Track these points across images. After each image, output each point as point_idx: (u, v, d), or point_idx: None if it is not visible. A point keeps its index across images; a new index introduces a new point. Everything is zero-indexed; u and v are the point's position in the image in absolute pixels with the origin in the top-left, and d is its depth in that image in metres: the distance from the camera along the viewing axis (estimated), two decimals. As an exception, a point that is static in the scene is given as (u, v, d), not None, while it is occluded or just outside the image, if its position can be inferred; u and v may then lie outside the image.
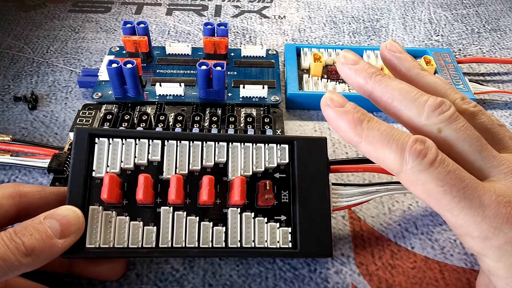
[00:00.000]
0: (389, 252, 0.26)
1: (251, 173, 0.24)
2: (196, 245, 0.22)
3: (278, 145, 0.24)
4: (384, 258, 0.26)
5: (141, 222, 0.22)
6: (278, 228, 0.23)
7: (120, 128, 0.31)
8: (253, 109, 0.34)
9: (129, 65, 0.32)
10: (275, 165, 0.24)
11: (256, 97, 0.35)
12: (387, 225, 0.28)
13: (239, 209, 0.23)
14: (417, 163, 0.19)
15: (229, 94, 0.35)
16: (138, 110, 0.34)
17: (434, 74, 0.32)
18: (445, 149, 0.20)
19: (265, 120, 0.32)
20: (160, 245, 0.22)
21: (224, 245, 0.22)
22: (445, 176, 0.19)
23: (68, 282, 0.24)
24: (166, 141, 0.24)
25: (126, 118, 0.31)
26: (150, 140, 0.23)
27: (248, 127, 0.32)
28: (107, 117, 0.31)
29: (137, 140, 0.23)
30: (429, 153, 0.19)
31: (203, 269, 0.25)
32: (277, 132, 0.32)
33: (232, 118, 0.32)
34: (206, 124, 0.32)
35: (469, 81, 0.37)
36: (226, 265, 0.25)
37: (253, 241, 0.23)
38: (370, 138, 0.20)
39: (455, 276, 0.25)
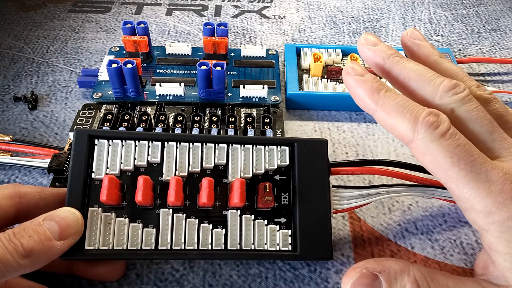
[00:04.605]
0: (389, 252, 0.26)
1: (251, 175, 0.24)
2: (196, 247, 0.22)
3: (279, 147, 0.24)
4: (384, 259, 0.26)
5: (141, 224, 0.22)
6: (278, 230, 0.23)
7: (120, 128, 0.30)
8: (253, 109, 0.34)
9: (129, 65, 0.32)
10: (275, 167, 0.24)
11: (256, 97, 0.35)
12: (387, 225, 0.28)
13: (238, 211, 0.23)
14: (428, 133, 0.19)
15: (229, 94, 0.35)
16: (138, 110, 0.34)
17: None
18: (457, 128, 0.20)
19: (265, 120, 0.32)
20: (159, 247, 0.22)
21: (223, 248, 0.22)
22: (455, 148, 0.19)
23: (68, 282, 0.24)
24: (166, 142, 0.24)
25: (126, 118, 0.31)
26: (150, 142, 0.23)
27: (248, 127, 0.32)
28: (107, 117, 0.31)
29: (136, 141, 0.23)
30: (442, 125, 0.20)
31: (203, 269, 0.25)
32: (277, 132, 0.32)
33: (232, 118, 0.32)
34: (206, 124, 0.32)
35: (470, 82, 0.37)
36: (226, 265, 0.25)
37: (253, 243, 0.23)
38: (386, 106, 0.21)
39: (454, 277, 0.25)
